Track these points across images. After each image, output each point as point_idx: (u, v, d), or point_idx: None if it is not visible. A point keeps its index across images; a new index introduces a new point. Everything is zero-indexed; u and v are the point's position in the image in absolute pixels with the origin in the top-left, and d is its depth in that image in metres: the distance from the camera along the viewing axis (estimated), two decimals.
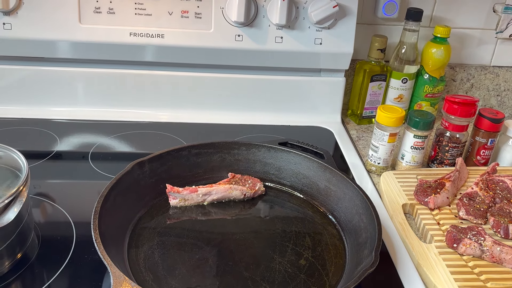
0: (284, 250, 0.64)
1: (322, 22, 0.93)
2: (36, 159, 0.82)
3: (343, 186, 0.71)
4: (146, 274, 0.58)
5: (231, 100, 1.02)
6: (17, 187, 0.55)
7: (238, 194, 0.74)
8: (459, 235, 0.65)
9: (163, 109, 1.02)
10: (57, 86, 0.98)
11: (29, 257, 0.60)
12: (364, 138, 1.01)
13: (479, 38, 1.12)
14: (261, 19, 0.93)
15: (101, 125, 0.96)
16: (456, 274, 0.61)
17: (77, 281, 0.57)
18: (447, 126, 0.85)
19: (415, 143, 0.83)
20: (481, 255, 0.64)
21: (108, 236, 0.57)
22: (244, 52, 0.96)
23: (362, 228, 0.64)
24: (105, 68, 0.98)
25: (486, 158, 0.88)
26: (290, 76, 1.01)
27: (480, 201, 0.74)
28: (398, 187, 0.79)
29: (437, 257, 0.64)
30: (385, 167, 0.86)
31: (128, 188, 0.67)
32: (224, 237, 0.67)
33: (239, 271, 0.60)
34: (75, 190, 0.77)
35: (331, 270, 0.61)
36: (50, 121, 0.96)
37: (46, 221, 0.68)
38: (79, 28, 0.91)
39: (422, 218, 0.72)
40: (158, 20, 0.92)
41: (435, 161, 0.88)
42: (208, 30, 0.94)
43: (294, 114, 1.04)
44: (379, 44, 1.00)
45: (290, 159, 0.77)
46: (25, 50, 0.93)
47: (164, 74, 0.99)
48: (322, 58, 0.98)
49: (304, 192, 0.76)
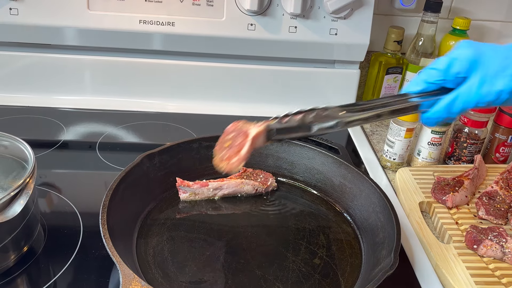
0: (297, 248, 0.62)
1: (338, 12, 0.90)
2: (42, 149, 0.81)
3: (359, 182, 0.68)
4: (155, 271, 0.56)
5: (243, 91, 1.00)
6: (24, 179, 0.53)
7: (249, 189, 0.72)
8: (479, 236, 0.63)
9: (172, 99, 0.99)
10: (63, 74, 0.96)
11: (35, 251, 0.59)
12: (378, 132, 0.98)
13: (499, 31, 1.08)
14: (275, 8, 0.90)
15: (109, 115, 0.94)
16: (476, 277, 0.59)
17: (84, 276, 0.56)
18: (466, 122, 0.82)
19: (433, 139, 0.81)
20: (503, 257, 0.62)
21: (116, 231, 0.55)
22: (257, 42, 0.93)
23: (379, 227, 0.61)
24: (114, 56, 0.95)
25: (505, 155, 0.85)
26: (303, 67, 0.98)
27: (501, 201, 0.71)
28: (414, 184, 0.76)
29: (456, 258, 0.62)
30: (400, 163, 0.83)
31: (137, 181, 0.65)
32: (235, 233, 0.65)
33: (251, 270, 0.58)
34: (82, 181, 0.75)
35: (347, 270, 0.59)
36: (57, 109, 0.94)
37: (53, 213, 0.67)
38: (87, 15, 0.88)
39: (440, 217, 0.70)
40: (169, 8, 0.89)
41: (452, 157, 0.85)
42: (220, 18, 0.91)
43: (306, 106, 1.01)
44: (395, 35, 0.97)
45: (304, 154, 0.75)
46: (31, 36, 0.91)
47: (173, 63, 0.97)
48: (336, 49, 0.95)
49: (317, 188, 0.74)
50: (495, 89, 0.48)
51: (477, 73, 0.49)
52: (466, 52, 0.49)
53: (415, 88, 0.52)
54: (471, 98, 0.49)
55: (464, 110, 0.51)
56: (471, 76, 0.49)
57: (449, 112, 0.51)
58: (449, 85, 0.51)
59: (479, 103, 0.49)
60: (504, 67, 0.48)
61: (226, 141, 0.52)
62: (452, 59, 0.50)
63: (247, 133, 0.50)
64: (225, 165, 0.51)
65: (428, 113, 0.52)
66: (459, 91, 0.50)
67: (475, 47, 0.49)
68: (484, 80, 0.49)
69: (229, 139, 0.52)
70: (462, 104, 0.50)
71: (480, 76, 0.49)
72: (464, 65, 0.49)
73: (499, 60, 0.48)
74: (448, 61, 0.50)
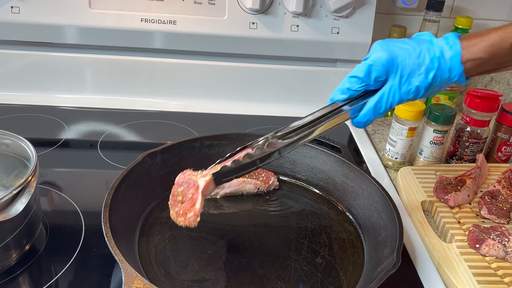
0: (299, 247, 0.62)
1: (340, 11, 0.90)
2: (43, 147, 0.80)
3: (361, 182, 0.68)
4: (157, 270, 0.56)
5: (244, 90, 1.00)
6: (26, 178, 0.53)
7: (251, 188, 0.72)
8: (481, 235, 0.63)
9: (173, 98, 0.99)
10: (65, 73, 0.96)
11: (37, 249, 0.59)
12: (380, 131, 0.98)
13: None
14: (277, 7, 0.90)
15: (110, 114, 0.93)
16: (478, 276, 0.59)
17: (86, 275, 0.56)
18: (468, 121, 0.82)
19: (435, 138, 0.80)
20: (505, 257, 0.62)
21: (118, 230, 0.55)
22: (259, 41, 0.93)
23: (382, 227, 0.61)
24: (115, 55, 0.95)
25: (507, 155, 0.85)
26: (305, 66, 0.98)
27: (503, 200, 0.71)
28: (416, 183, 0.76)
29: (459, 257, 0.62)
30: (402, 162, 0.83)
31: (139, 180, 0.65)
32: (237, 232, 0.64)
33: (253, 269, 0.58)
34: (83, 179, 0.75)
35: (349, 269, 0.59)
36: (58, 108, 0.94)
37: (54, 212, 0.67)
38: (89, 13, 0.88)
39: (442, 216, 0.70)
40: (170, 6, 0.89)
41: (454, 157, 0.85)
42: (221, 17, 0.91)
43: (308, 105, 0.99)
44: (397, 34, 0.97)
45: (306, 153, 0.75)
46: (33, 34, 0.91)
47: (175, 62, 0.97)
48: (338, 48, 0.95)
49: (319, 187, 0.74)
50: (413, 86, 0.53)
51: (395, 75, 0.53)
52: (380, 57, 0.53)
53: (341, 97, 0.55)
54: (393, 97, 0.54)
55: (390, 108, 0.55)
56: (390, 77, 0.53)
57: (376, 112, 0.55)
58: (372, 87, 0.55)
59: (402, 100, 0.54)
60: (418, 65, 0.52)
61: (178, 194, 0.54)
62: (369, 66, 0.53)
63: (196, 185, 0.52)
64: (183, 220, 0.53)
65: (357, 117, 0.56)
66: (382, 92, 0.54)
67: (388, 51, 0.53)
68: (402, 80, 0.53)
69: (180, 192, 0.54)
70: (386, 104, 0.54)
71: (398, 77, 0.53)
72: (381, 70, 0.53)
73: (412, 59, 0.52)
74: (366, 68, 0.53)
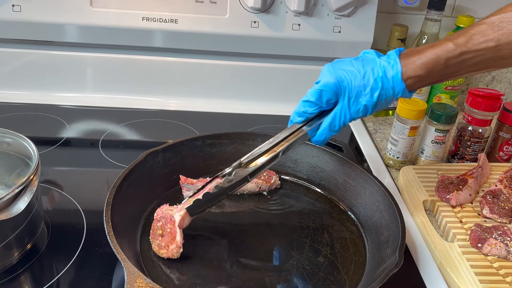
0: (301, 246, 0.62)
1: (341, 10, 0.90)
2: (44, 146, 0.80)
3: (363, 181, 0.68)
4: (159, 269, 0.56)
5: (246, 88, 0.99)
6: (28, 176, 0.53)
7: (253, 187, 0.71)
8: (484, 234, 0.63)
9: (174, 97, 0.99)
10: (66, 71, 0.96)
11: (39, 248, 0.59)
12: (381, 130, 0.98)
13: None
14: (278, 5, 0.90)
15: (112, 112, 0.93)
16: (480, 275, 0.59)
17: (87, 274, 0.55)
18: (470, 120, 0.82)
19: (436, 137, 0.80)
20: (507, 256, 0.62)
21: (120, 228, 0.55)
22: (260, 40, 0.92)
23: (384, 226, 0.61)
24: (116, 54, 0.95)
25: (509, 154, 0.85)
26: (307, 65, 0.98)
27: (505, 199, 0.71)
28: (418, 182, 0.76)
29: (461, 257, 0.62)
30: (403, 162, 0.83)
31: (141, 179, 0.65)
32: (239, 231, 0.64)
33: (255, 268, 0.58)
34: (84, 178, 0.75)
35: (351, 268, 0.59)
36: (59, 107, 0.94)
37: (56, 210, 0.66)
38: (90, 12, 0.88)
39: (444, 216, 0.69)
40: (172, 5, 0.89)
41: (456, 156, 0.85)
42: (223, 15, 0.90)
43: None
44: (399, 33, 0.97)
45: (307, 152, 0.75)
46: (34, 33, 0.90)
47: (176, 60, 0.96)
48: (340, 47, 0.95)
49: (321, 186, 0.74)
50: (361, 106, 0.58)
51: (344, 97, 0.58)
52: (329, 81, 0.57)
53: (299, 119, 0.60)
54: (345, 116, 0.58)
55: (344, 126, 0.59)
56: (340, 99, 0.58)
57: (332, 130, 0.60)
58: (326, 108, 0.59)
59: (353, 118, 0.59)
60: (364, 86, 0.57)
61: (158, 228, 0.58)
62: (319, 91, 0.58)
63: (172, 219, 0.58)
64: (165, 252, 0.57)
65: (315, 136, 0.61)
66: (335, 112, 0.59)
67: (335, 76, 0.57)
68: (350, 101, 0.58)
69: (159, 226, 0.58)
70: (340, 123, 0.59)
71: (347, 98, 0.58)
72: (331, 94, 0.57)
73: (358, 81, 0.57)
74: (317, 93, 0.58)
